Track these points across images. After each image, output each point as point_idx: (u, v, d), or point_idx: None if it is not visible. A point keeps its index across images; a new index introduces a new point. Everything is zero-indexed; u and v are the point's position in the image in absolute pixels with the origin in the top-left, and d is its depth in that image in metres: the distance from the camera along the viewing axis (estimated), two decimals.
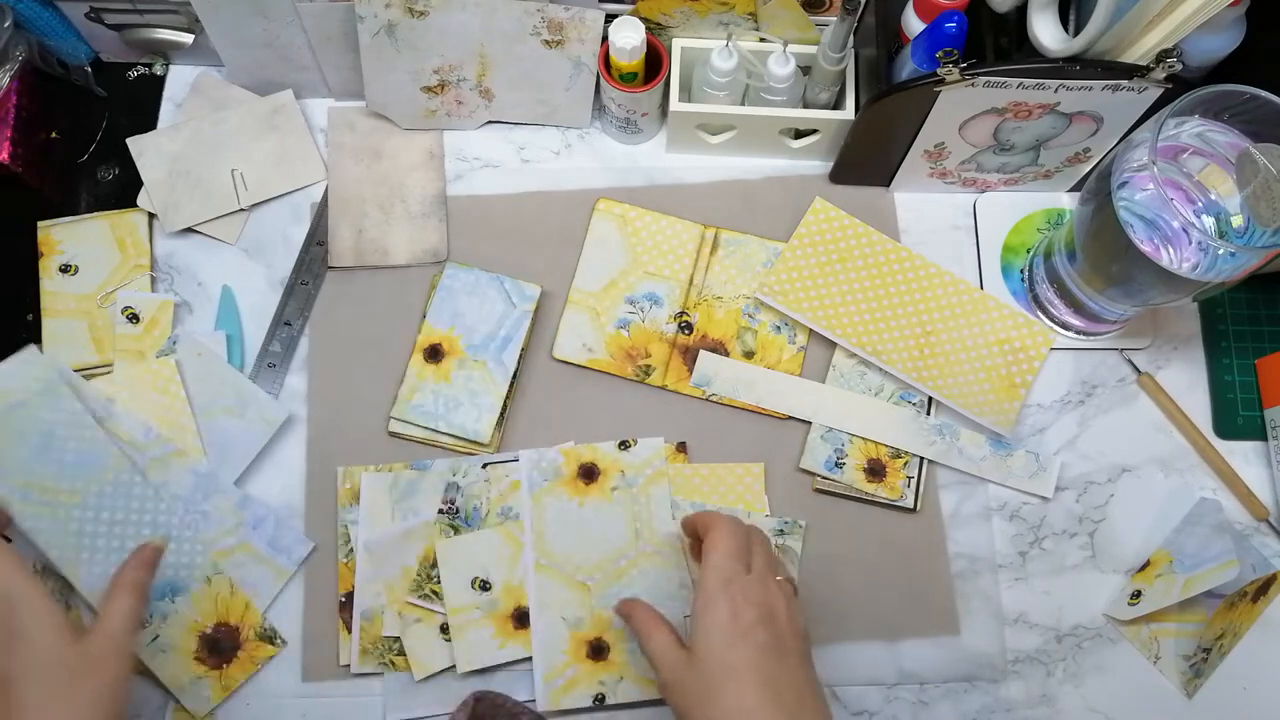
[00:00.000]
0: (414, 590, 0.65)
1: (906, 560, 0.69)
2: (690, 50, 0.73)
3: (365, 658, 0.65)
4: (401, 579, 0.66)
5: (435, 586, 0.65)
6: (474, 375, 0.70)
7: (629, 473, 0.68)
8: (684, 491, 0.69)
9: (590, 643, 0.65)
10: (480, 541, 0.66)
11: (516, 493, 0.68)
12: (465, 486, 0.68)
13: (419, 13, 0.70)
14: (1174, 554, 0.68)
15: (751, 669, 0.52)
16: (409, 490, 0.68)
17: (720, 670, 0.52)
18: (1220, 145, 0.61)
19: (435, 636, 0.65)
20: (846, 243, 0.74)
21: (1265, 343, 0.74)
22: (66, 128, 0.78)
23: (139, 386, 0.68)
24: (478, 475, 0.68)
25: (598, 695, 0.64)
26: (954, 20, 0.63)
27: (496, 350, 0.71)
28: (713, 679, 0.52)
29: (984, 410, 0.70)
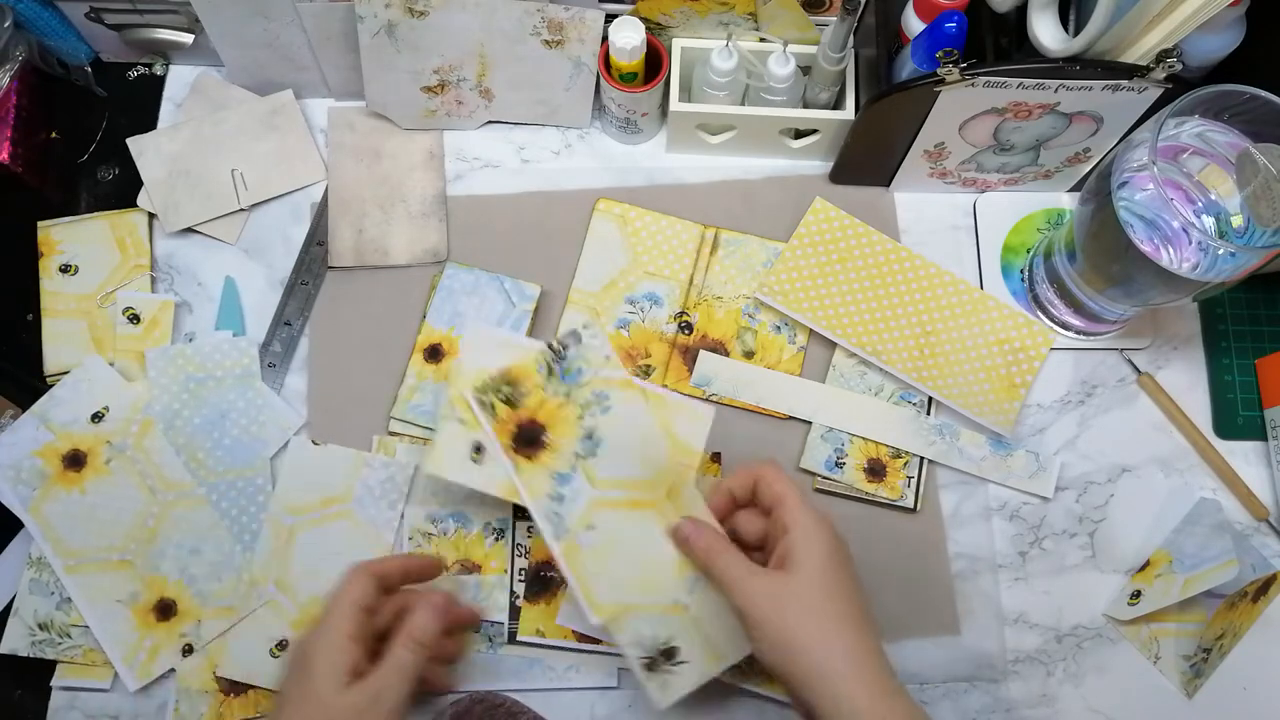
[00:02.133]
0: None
1: (906, 560, 0.69)
2: (690, 50, 0.73)
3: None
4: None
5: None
6: None
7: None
8: None
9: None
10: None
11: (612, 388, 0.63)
12: (587, 341, 0.63)
13: (419, 13, 0.70)
14: (1174, 554, 0.68)
15: (849, 591, 0.53)
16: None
17: (821, 587, 0.52)
18: (1220, 145, 0.61)
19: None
20: (846, 243, 0.74)
21: (1265, 343, 0.74)
22: (66, 128, 0.78)
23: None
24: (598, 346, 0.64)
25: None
26: (954, 20, 0.63)
27: None
28: (813, 594, 0.52)
29: (984, 410, 0.70)
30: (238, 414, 0.70)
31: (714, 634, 0.60)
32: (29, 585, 0.66)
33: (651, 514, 0.61)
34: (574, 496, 0.61)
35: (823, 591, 0.52)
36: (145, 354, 0.70)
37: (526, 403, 0.62)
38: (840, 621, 0.52)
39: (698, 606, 0.60)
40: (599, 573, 0.60)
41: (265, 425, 0.70)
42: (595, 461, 0.61)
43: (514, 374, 0.62)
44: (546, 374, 0.62)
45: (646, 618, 0.59)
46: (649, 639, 0.59)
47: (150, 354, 0.70)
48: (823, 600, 0.52)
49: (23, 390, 0.70)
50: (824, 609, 0.52)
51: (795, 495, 0.56)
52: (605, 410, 0.62)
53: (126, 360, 0.71)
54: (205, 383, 0.70)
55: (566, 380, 0.62)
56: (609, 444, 0.62)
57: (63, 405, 0.68)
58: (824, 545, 0.54)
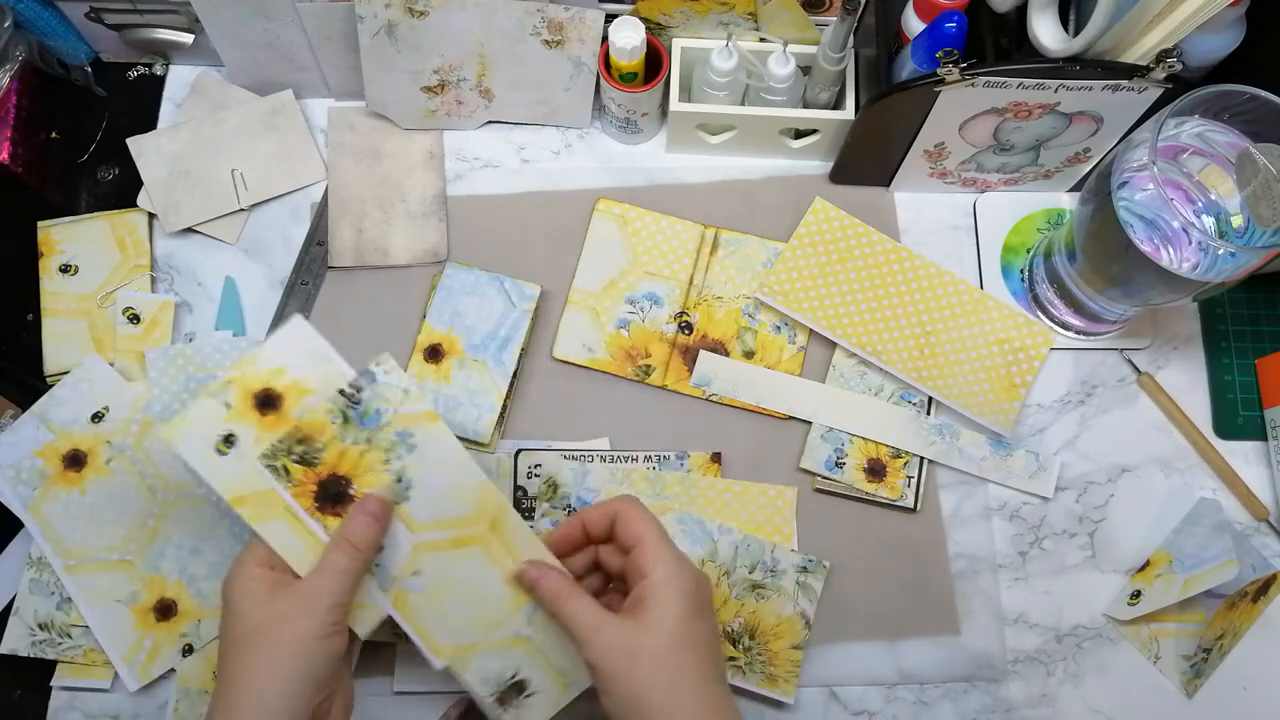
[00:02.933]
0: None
1: (906, 560, 0.69)
2: (690, 50, 0.73)
3: (380, 627, 0.65)
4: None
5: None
6: (474, 375, 0.70)
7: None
8: (713, 509, 0.68)
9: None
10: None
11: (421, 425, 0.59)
12: (382, 380, 0.59)
13: (419, 13, 0.70)
14: (1174, 554, 0.68)
15: (706, 644, 0.51)
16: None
17: (679, 640, 0.50)
18: (1220, 145, 0.61)
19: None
20: (846, 243, 0.74)
21: (1265, 343, 0.74)
22: (66, 128, 0.78)
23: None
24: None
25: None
26: (954, 20, 0.63)
27: (496, 350, 0.71)
28: (670, 648, 0.50)
29: (984, 410, 0.70)
30: None
31: (560, 661, 0.58)
32: (29, 585, 0.66)
33: (477, 549, 0.58)
34: (394, 545, 0.57)
35: (678, 645, 0.50)
36: (145, 354, 0.70)
37: (324, 458, 0.57)
38: (695, 678, 0.50)
39: (540, 636, 0.58)
40: (434, 616, 0.58)
41: None
42: (410, 505, 0.58)
43: (304, 431, 0.57)
44: (343, 422, 0.58)
45: (490, 654, 0.57)
46: (495, 674, 0.57)
47: (150, 354, 0.70)
48: (678, 655, 0.50)
49: (23, 390, 0.70)
50: (679, 664, 0.50)
51: (654, 536, 0.53)
52: (411, 449, 0.58)
53: (126, 360, 0.71)
54: (205, 383, 0.70)
55: (365, 425, 0.58)
56: (421, 484, 0.58)
57: (63, 405, 0.68)
58: (682, 593, 0.51)
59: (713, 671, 0.51)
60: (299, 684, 0.51)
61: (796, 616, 0.66)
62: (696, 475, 0.69)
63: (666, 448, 0.70)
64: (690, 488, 0.69)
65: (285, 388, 0.58)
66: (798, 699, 0.66)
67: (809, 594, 0.67)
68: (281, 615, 0.52)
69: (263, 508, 0.56)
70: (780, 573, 0.67)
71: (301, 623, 0.52)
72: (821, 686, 0.67)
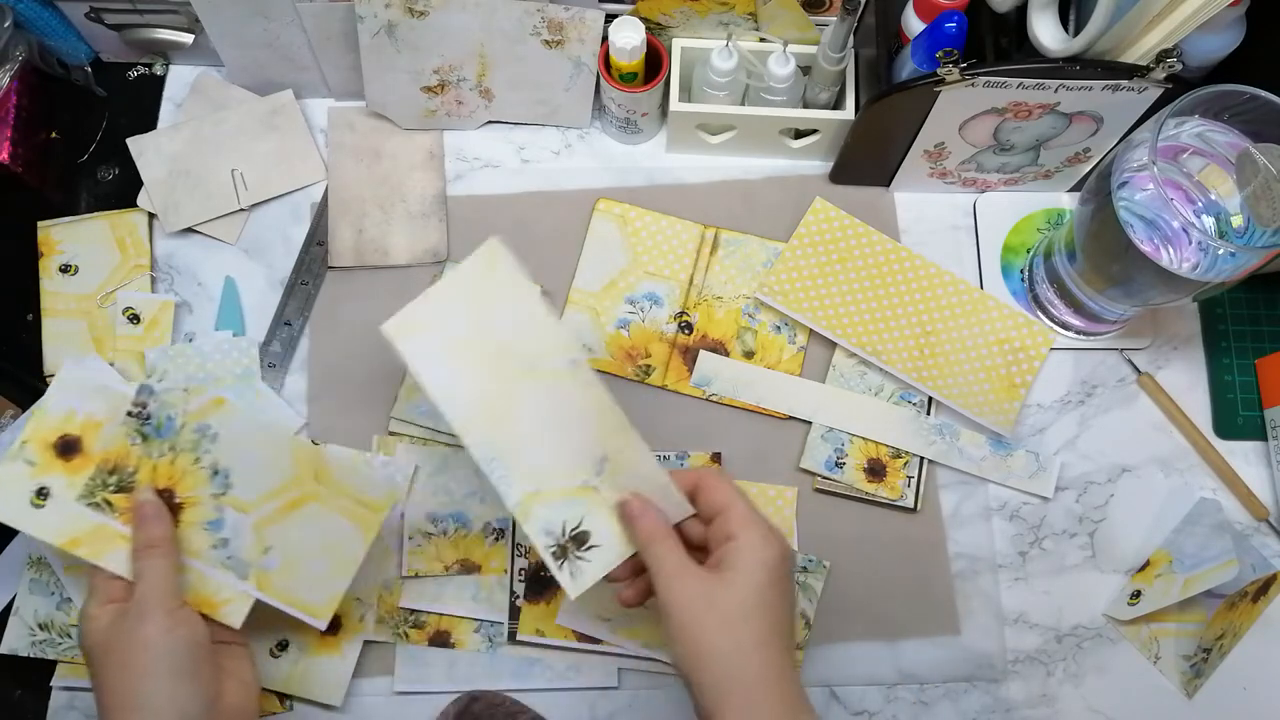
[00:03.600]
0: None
1: (906, 560, 0.69)
2: (690, 50, 0.73)
3: (380, 627, 0.66)
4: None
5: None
6: None
7: None
8: None
9: None
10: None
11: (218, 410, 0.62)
12: (160, 389, 0.62)
13: (419, 13, 0.70)
14: (1174, 554, 0.68)
15: (780, 611, 0.52)
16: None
17: (756, 603, 0.51)
18: (1220, 145, 0.61)
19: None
20: (846, 243, 0.74)
21: (1265, 343, 0.74)
22: (66, 128, 0.78)
23: None
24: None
25: None
26: (954, 20, 0.63)
27: None
28: (745, 608, 0.51)
29: (984, 410, 0.70)
30: None
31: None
32: (29, 585, 0.66)
33: (314, 505, 0.61)
34: (236, 533, 0.60)
35: (752, 607, 0.51)
36: (145, 354, 0.70)
37: (138, 480, 0.60)
38: (761, 642, 0.51)
39: (607, 489, 0.57)
40: (299, 582, 0.60)
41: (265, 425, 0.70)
42: (235, 490, 0.61)
43: (112, 460, 0.60)
44: (142, 441, 0.61)
45: (555, 503, 0.57)
46: (558, 523, 0.57)
47: (150, 354, 0.70)
48: (750, 616, 0.51)
49: (23, 390, 0.70)
50: (748, 625, 0.51)
51: (743, 503, 0.54)
52: (214, 439, 0.61)
53: (126, 360, 0.71)
54: (205, 383, 0.70)
55: (163, 435, 0.61)
56: (237, 467, 0.61)
57: None
58: (765, 560, 0.52)
59: (781, 640, 0.52)
60: (167, 680, 0.53)
61: (797, 616, 0.66)
62: None
63: (666, 448, 0.70)
64: None
65: (80, 428, 0.61)
66: None
67: (809, 594, 0.67)
68: (125, 631, 0.55)
69: (99, 543, 0.59)
70: None
71: (142, 628, 0.54)
72: (821, 686, 0.67)
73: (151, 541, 0.58)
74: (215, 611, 0.59)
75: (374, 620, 0.66)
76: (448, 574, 0.67)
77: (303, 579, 0.60)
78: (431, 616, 0.67)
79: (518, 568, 0.67)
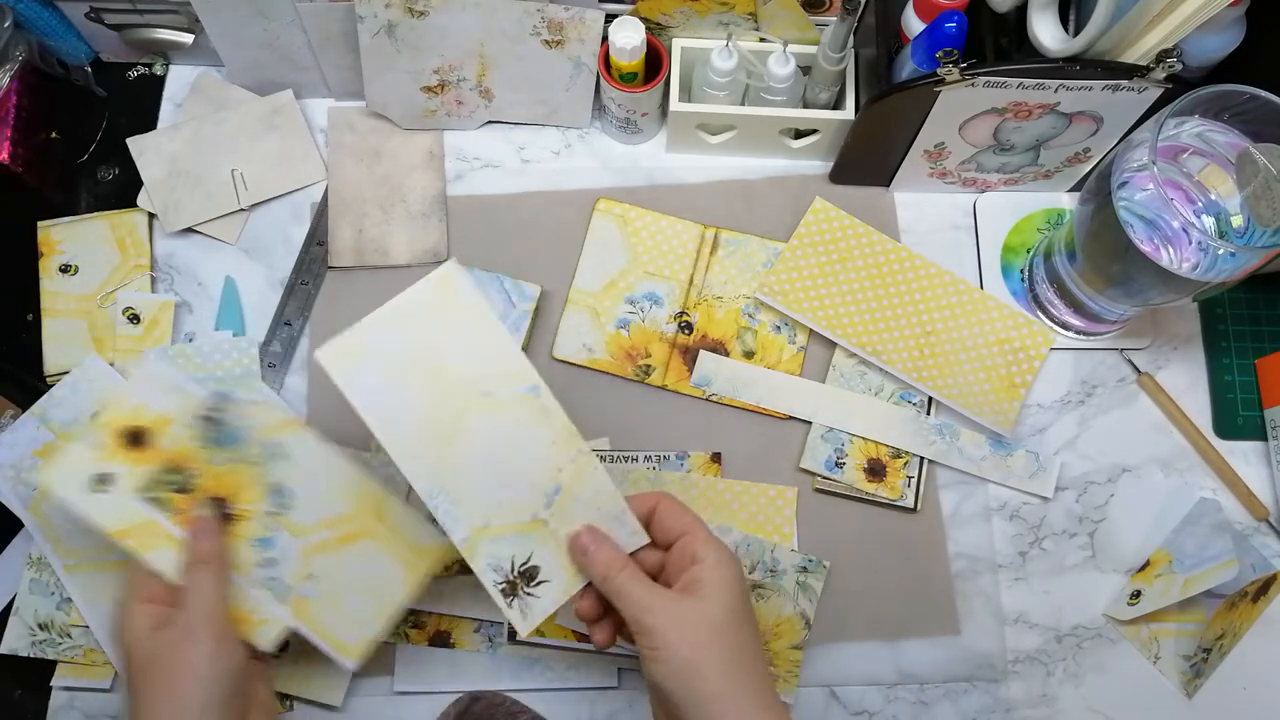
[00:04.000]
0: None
1: (906, 560, 0.69)
2: (690, 50, 0.73)
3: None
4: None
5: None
6: None
7: None
8: (714, 509, 0.68)
9: None
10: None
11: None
12: (238, 399, 0.62)
13: (419, 13, 0.70)
14: (1174, 554, 0.68)
15: (753, 626, 0.53)
16: None
17: (733, 617, 0.52)
18: (1220, 145, 0.61)
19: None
20: (846, 243, 0.74)
21: (1265, 343, 0.74)
22: (66, 128, 0.78)
23: None
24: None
25: None
26: (954, 20, 0.63)
27: None
28: (726, 622, 0.52)
29: (984, 410, 0.70)
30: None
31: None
32: (29, 585, 0.66)
33: (368, 542, 0.61)
34: (284, 556, 0.59)
35: (735, 621, 0.52)
36: (145, 354, 0.70)
37: (199, 483, 0.59)
38: (746, 651, 0.52)
39: (556, 521, 0.56)
40: (337, 617, 0.59)
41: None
42: (292, 513, 0.60)
43: (176, 460, 0.60)
44: (211, 445, 0.60)
45: (503, 538, 0.55)
46: (506, 559, 0.55)
47: (150, 354, 0.70)
48: (735, 629, 0.52)
49: (23, 390, 0.70)
50: (736, 637, 0.52)
51: (703, 527, 0.55)
52: (283, 459, 0.60)
53: (126, 360, 0.71)
54: (205, 383, 0.70)
55: (231, 444, 0.60)
56: (300, 490, 0.60)
57: (63, 405, 0.68)
58: (734, 578, 0.53)
59: (758, 653, 0.53)
60: (203, 707, 0.52)
61: (796, 616, 0.66)
62: (696, 475, 0.69)
63: (666, 448, 0.70)
64: (690, 488, 0.69)
65: (151, 422, 0.60)
66: (798, 699, 0.66)
67: (809, 594, 0.67)
68: (168, 645, 0.54)
69: (147, 538, 0.58)
70: (780, 573, 0.67)
71: (186, 648, 0.54)
72: (821, 686, 0.67)
73: (205, 556, 0.57)
74: (249, 631, 0.58)
75: None
76: (448, 574, 0.67)
77: (341, 614, 0.59)
78: (431, 616, 0.67)
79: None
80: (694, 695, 0.50)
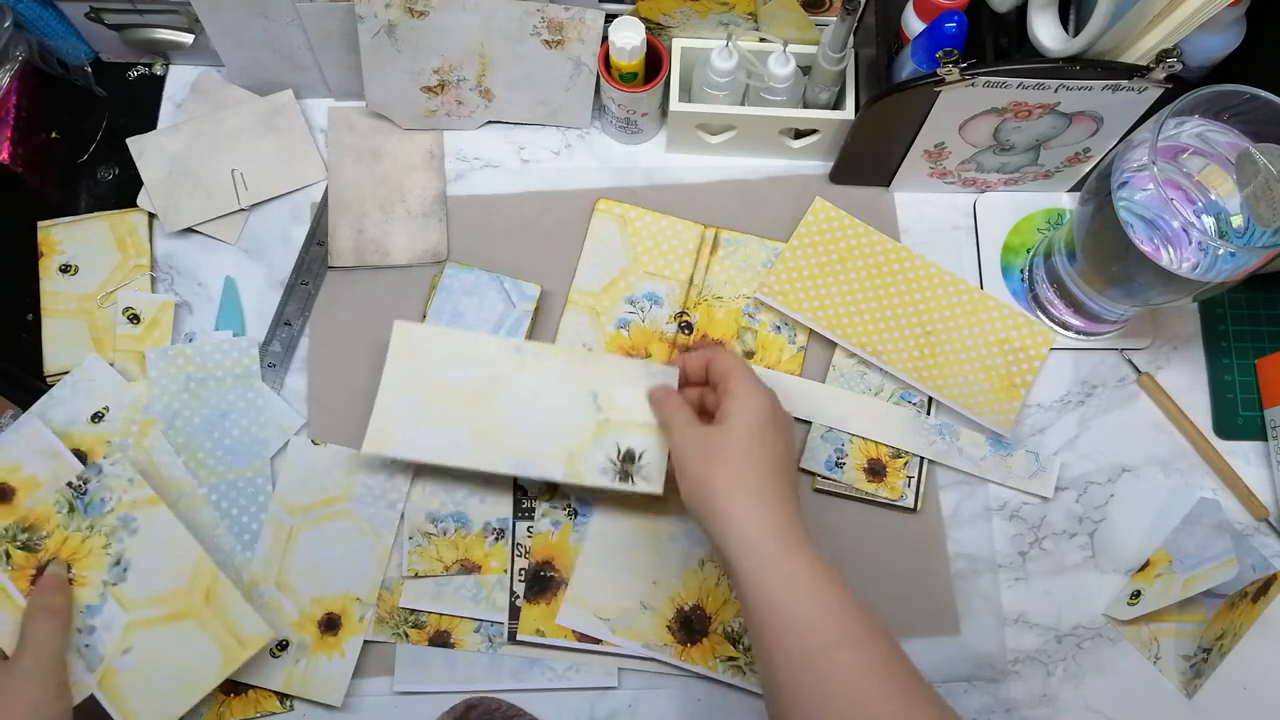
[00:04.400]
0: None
1: (906, 560, 0.69)
2: (690, 50, 0.73)
3: (380, 627, 0.66)
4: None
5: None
6: None
7: None
8: None
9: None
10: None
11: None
12: (108, 470, 0.65)
13: (419, 13, 0.70)
14: (1174, 554, 0.68)
15: (773, 451, 0.57)
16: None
17: (747, 443, 0.57)
18: (1220, 145, 0.61)
19: None
20: (846, 243, 0.74)
21: (1265, 343, 0.74)
22: (66, 128, 0.78)
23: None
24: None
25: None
26: (954, 20, 0.63)
27: None
28: (737, 447, 0.56)
29: (984, 410, 0.70)
30: (238, 414, 0.70)
31: (645, 418, 0.64)
32: None
33: (192, 623, 0.62)
34: (107, 625, 0.62)
35: (745, 450, 0.56)
36: (145, 354, 0.70)
37: (46, 545, 0.63)
38: (765, 468, 0.56)
39: (612, 410, 0.64)
40: (143, 693, 0.61)
41: (265, 425, 0.70)
42: (126, 585, 0.63)
43: (31, 520, 0.63)
44: (68, 511, 0.64)
45: (588, 452, 0.63)
46: (605, 459, 0.63)
47: (150, 354, 0.70)
48: (744, 457, 0.56)
49: (23, 390, 0.70)
50: (743, 464, 0.56)
51: (741, 369, 0.60)
52: (133, 533, 0.63)
53: (126, 360, 0.71)
54: (205, 383, 0.70)
55: (90, 513, 0.64)
56: (139, 564, 0.63)
57: (63, 405, 0.68)
58: (756, 412, 0.57)
59: (774, 474, 0.56)
60: None
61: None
62: None
63: None
64: None
65: (20, 482, 0.64)
66: None
67: None
68: (10, 691, 0.57)
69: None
70: None
71: (31, 692, 0.57)
72: None
73: (54, 608, 0.60)
74: None
75: (374, 620, 0.66)
76: (448, 574, 0.67)
77: (148, 691, 0.61)
78: (431, 616, 0.67)
79: (518, 568, 0.67)
80: (703, 506, 0.56)
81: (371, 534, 0.68)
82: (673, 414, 0.61)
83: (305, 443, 0.70)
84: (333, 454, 0.69)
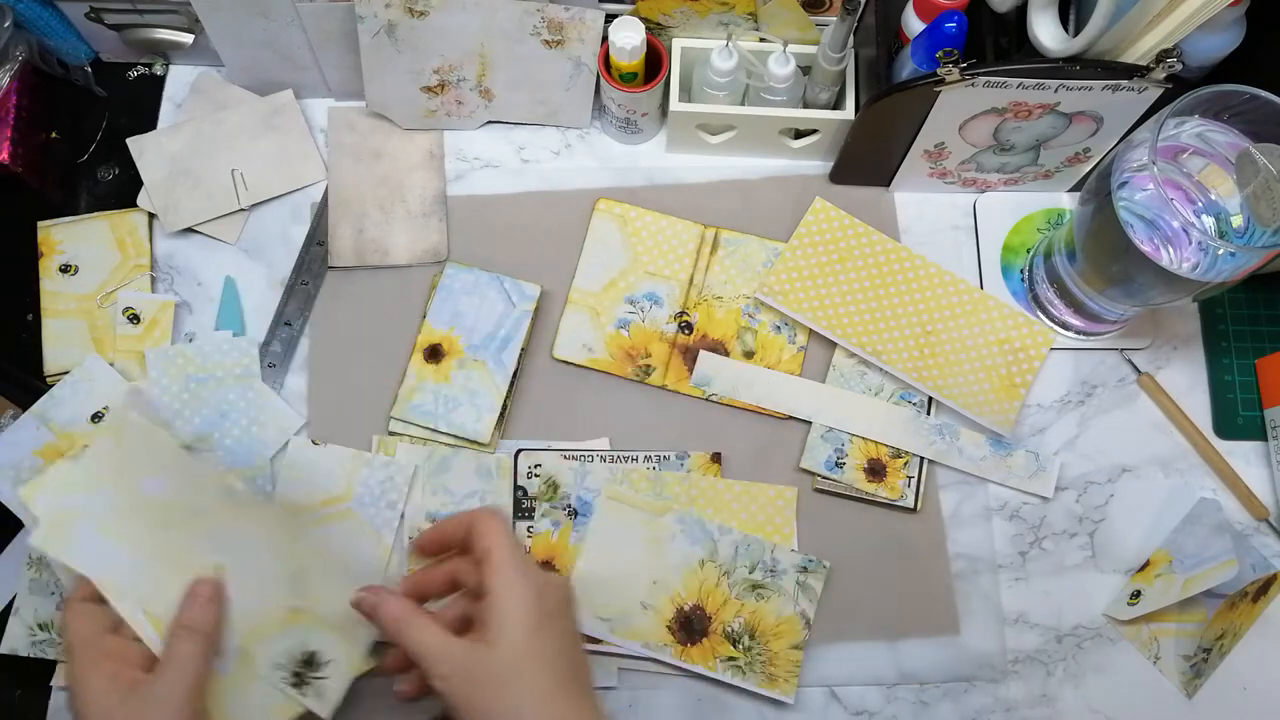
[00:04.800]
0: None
1: (906, 560, 0.69)
2: (690, 50, 0.73)
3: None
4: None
5: None
6: (474, 375, 0.70)
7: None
8: (713, 509, 0.68)
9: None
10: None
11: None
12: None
13: (419, 13, 0.70)
14: (1174, 554, 0.68)
15: (554, 656, 0.51)
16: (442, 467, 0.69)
17: (523, 656, 0.50)
18: (1220, 145, 0.61)
19: None
20: (846, 243, 0.74)
21: (1265, 343, 0.74)
22: (66, 128, 0.78)
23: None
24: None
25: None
26: (954, 20, 0.63)
27: (496, 350, 0.71)
28: (513, 665, 0.49)
29: (984, 410, 0.70)
30: (238, 414, 0.70)
31: (342, 621, 0.57)
32: (29, 585, 0.66)
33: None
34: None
35: (521, 662, 0.50)
36: (145, 354, 0.70)
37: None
38: (541, 694, 0.49)
39: (312, 602, 0.57)
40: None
41: (265, 425, 0.70)
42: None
43: None
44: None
45: (269, 638, 0.56)
46: (284, 655, 0.56)
47: (150, 354, 0.70)
48: (521, 672, 0.49)
49: (23, 390, 0.70)
50: (521, 683, 0.49)
51: (500, 549, 0.52)
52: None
53: (126, 360, 0.71)
54: (205, 383, 0.70)
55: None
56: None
57: (63, 405, 0.68)
58: (521, 608, 0.50)
59: (562, 685, 0.50)
60: None
61: (796, 616, 0.66)
62: (696, 475, 0.69)
63: (666, 448, 0.70)
64: (690, 488, 0.69)
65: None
66: (798, 699, 0.66)
67: (809, 594, 0.67)
68: (137, 714, 0.50)
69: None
70: (780, 573, 0.67)
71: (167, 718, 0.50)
72: (821, 686, 0.67)
73: (194, 624, 0.54)
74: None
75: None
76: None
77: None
78: None
79: None
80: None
81: (371, 534, 0.68)
82: (419, 634, 0.51)
83: (305, 443, 0.70)
84: (333, 454, 0.69)
